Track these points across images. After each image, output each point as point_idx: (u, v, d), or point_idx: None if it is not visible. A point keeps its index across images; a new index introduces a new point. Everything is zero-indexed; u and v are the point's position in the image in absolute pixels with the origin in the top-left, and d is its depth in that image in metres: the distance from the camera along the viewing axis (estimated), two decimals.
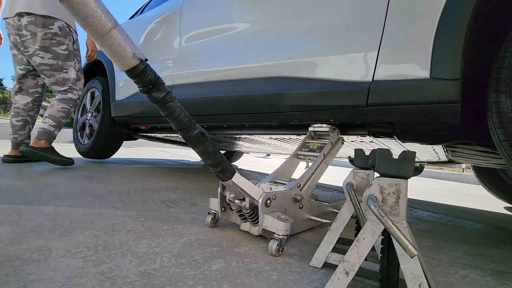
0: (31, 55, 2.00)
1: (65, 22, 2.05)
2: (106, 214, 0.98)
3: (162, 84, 0.67)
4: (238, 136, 1.87)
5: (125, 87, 2.20)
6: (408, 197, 0.58)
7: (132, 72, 0.63)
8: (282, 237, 0.76)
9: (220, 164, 0.76)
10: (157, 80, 0.66)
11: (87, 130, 2.57)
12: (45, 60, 2.01)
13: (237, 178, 0.79)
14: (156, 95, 0.66)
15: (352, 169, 0.77)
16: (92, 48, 2.29)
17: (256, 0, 1.40)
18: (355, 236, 0.62)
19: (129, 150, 4.27)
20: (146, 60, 0.65)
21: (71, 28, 2.10)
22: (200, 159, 0.95)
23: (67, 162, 2.00)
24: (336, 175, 3.78)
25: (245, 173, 2.94)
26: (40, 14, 1.93)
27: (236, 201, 0.85)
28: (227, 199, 0.87)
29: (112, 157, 2.76)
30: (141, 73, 0.63)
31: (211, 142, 0.75)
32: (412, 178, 0.58)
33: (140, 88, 0.66)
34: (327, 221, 0.95)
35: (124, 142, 2.70)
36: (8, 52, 2.15)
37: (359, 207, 0.70)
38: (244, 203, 0.83)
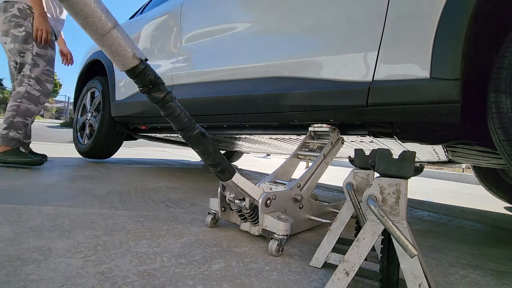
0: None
1: (27, 4, 1.89)
2: (106, 214, 0.97)
3: (162, 84, 0.67)
4: (238, 136, 1.87)
5: (125, 87, 2.20)
6: (408, 197, 0.58)
7: (132, 72, 0.63)
8: (282, 237, 0.76)
9: (220, 164, 0.76)
10: (157, 80, 0.66)
11: (87, 130, 2.57)
12: (7, 46, 1.89)
13: (237, 178, 0.79)
14: (156, 95, 0.66)
15: (352, 169, 0.77)
16: (38, 26, 1.87)
17: (256, 0, 1.40)
18: (355, 236, 0.62)
19: (129, 150, 4.27)
20: (146, 60, 0.65)
21: (32, 10, 1.90)
22: (200, 159, 0.95)
23: (33, 162, 1.81)
24: (336, 175, 3.78)
25: (245, 173, 2.94)
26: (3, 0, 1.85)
27: (236, 201, 0.85)
28: (227, 199, 0.87)
29: (112, 157, 2.76)
30: (141, 73, 0.63)
31: (211, 142, 0.75)
32: (412, 178, 0.58)
33: (140, 88, 0.66)
34: (327, 221, 0.95)
35: (124, 142, 2.70)
36: None
37: (359, 207, 0.70)
38: (244, 203, 0.83)
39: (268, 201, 0.82)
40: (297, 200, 0.93)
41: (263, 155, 6.94)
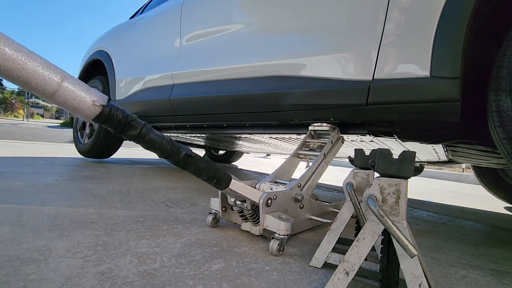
0: None
1: None
2: (106, 214, 0.97)
3: (133, 120, 0.63)
4: (238, 136, 1.86)
5: (125, 87, 2.20)
6: (408, 197, 0.58)
7: (99, 119, 0.59)
8: (283, 237, 0.76)
9: (215, 176, 0.76)
10: (127, 118, 0.62)
11: (87, 130, 2.57)
12: None
13: (234, 185, 0.79)
14: (131, 133, 0.63)
15: (352, 169, 0.77)
16: None
17: (256, 0, 1.40)
18: (355, 236, 0.62)
19: (129, 150, 4.27)
20: (110, 100, 0.61)
21: None
22: None
23: None
24: (336, 175, 3.78)
25: (245, 173, 2.94)
26: None
27: (237, 202, 0.85)
28: (228, 200, 0.88)
29: (112, 157, 2.77)
30: (108, 117, 0.59)
31: (201, 158, 0.74)
32: (412, 178, 0.58)
33: (113, 131, 0.63)
34: (327, 221, 0.95)
35: (124, 142, 2.71)
36: None
37: (359, 207, 0.70)
38: (245, 204, 0.83)
39: (269, 201, 0.82)
40: (298, 200, 0.93)
41: (263, 155, 6.94)
